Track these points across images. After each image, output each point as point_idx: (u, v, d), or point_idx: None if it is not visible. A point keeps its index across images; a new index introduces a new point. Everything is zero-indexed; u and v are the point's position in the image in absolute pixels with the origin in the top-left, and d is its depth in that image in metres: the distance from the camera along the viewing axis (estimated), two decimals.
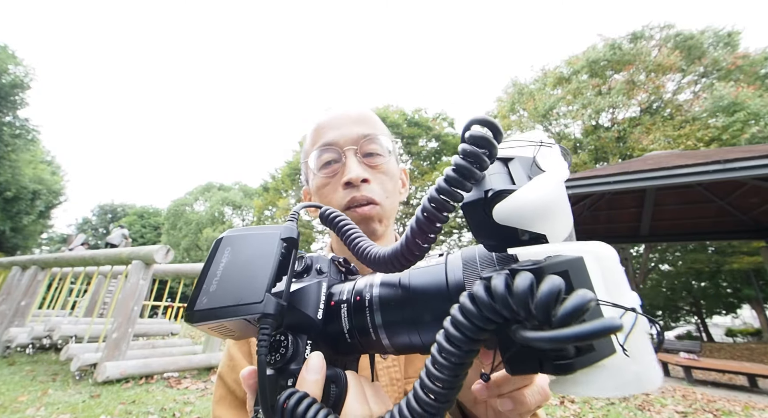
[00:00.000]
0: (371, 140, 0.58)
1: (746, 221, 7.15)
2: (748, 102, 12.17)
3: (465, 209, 0.25)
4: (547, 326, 0.17)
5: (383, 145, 0.59)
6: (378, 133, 0.59)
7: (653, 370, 0.19)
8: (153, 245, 4.81)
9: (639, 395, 4.36)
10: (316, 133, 0.60)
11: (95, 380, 3.79)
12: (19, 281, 5.69)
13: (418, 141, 17.24)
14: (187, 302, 0.30)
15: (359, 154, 0.57)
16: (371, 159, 0.58)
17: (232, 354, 0.56)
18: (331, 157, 0.58)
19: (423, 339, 0.28)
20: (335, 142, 0.58)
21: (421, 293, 0.28)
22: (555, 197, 0.22)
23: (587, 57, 16.25)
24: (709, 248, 15.10)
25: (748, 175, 4.76)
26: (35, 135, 18.47)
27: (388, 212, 0.58)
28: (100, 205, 40.41)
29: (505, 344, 0.22)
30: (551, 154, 0.26)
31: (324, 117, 0.62)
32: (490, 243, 0.26)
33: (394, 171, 0.61)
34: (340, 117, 0.60)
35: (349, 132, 0.58)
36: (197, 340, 7.26)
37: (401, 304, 0.29)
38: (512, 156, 0.26)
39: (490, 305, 0.19)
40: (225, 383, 0.54)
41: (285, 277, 0.30)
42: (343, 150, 0.57)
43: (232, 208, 25.45)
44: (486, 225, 0.24)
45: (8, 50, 16.51)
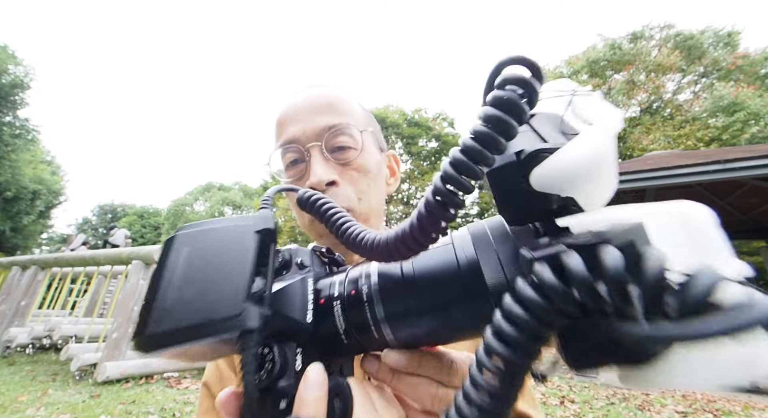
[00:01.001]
0: (339, 132, 0.50)
1: (746, 220, 7.15)
2: (748, 102, 12.18)
3: (491, 175, 0.20)
4: (659, 315, 0.14)
5: (354, 136, 0.51)
6: (347, 123, 0.51)
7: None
8: (153, 245, 4.81)
9: (639, 394, 4.36)
10: (279, 128, 0.53)
11: (95, 380, 3.79)
12: (19, 281, 5.69)
13: (418, 141, 17.24)
14: (135, 326, 0.23)
15: (325, 151, 0.50)
16: (341, 154, 0.50)
17: (218, 363, 0.52)
18: (295, 156, 0.51)
19: (433, 328, 0.25)
20: (296, 139, 0.50)
21: (429, 278, 0.24)
22: (607, 154, 0.18)
23: (587, 57, 16.27)
24: None
25: (748, 175, 4.76)
26: (35, 135, 18.48)
27: (365, 214, 0.51)
28: (100, 205, 40.42)
29: (568, 335, 0.18)
30: (591, 103, 0.21)
31: (284, 108, 0.53)
32: (515, 216, 0.22)
33: (370, 164, 0.52)
34: (301, 106, 0.52)
35: (311, 125, 0.50)
36: None
37: (406, 292, 0.25)
38: (533, 112, 0.21)
39: (564, 293, 0.15)
40: (212, 394, 0.51)
41: (259, 278, 0.23)
42: (306, 148, 0.50)
43: (232, 208, 25.47)
44: (514, 194, 0.20)
45: (8, 50, 16.52)
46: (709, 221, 0.16)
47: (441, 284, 0.24)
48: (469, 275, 0.22)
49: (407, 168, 17.12)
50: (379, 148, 0.58)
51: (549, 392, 4.26)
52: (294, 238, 18.81)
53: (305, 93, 0.54)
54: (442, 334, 0.25)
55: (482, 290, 0.22)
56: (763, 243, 7.62)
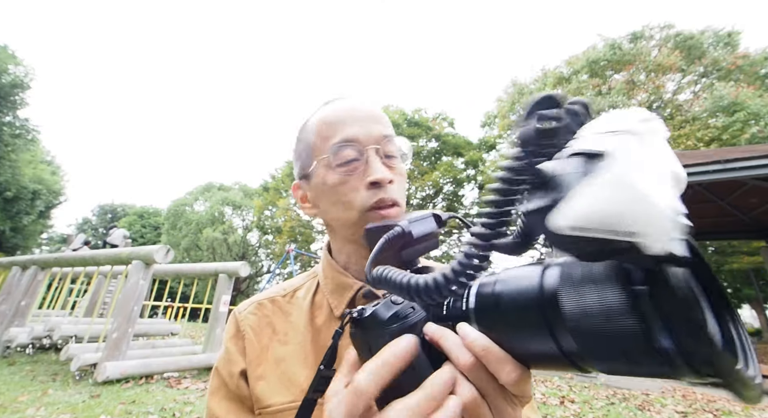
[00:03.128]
0: (391, 141, 0.57)
1: (746, 220, 7.15)
2: (748, 102, 12.17)
3: (524, 216, 0.21)
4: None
5: (399, 147, 0.59)
6: (394, 135, 0.59)
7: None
8: (153, 245, 4.81)
9: (639, 394, 4.36)
10: (332, 126, 0.57)
11: (95, 380, 3.79)
12: (19, 281, 5.69)
13: (418, 141, 17.23)
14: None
15: (381, 155, 0.56)
16: (390, 160, 0.57)
17: (228, 348, 0.57)
18: (354, 154, 0.55)
19: (503, 340, 0.27)
20: (357, 139, 0.55)
21: (508, 298, 0.26)
22: (637, 196, 0.17)
23: (587, 57, 16.26)
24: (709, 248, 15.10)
25: (748, 175, 4.76)
26: (35, 135, 18.48)
27: (403, 212, 0.59)
28: (100, 205, 40.43)
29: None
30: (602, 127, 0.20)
31: (338, 110, 0.58)
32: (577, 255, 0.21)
33: (405, 172, 0.61)
34: (359, 113, 0.57)
35: (370, 130, 0.56)
36: (197, 340, 7.27)
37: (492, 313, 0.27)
38: (601, 151, 0.20)
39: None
40: (220, 375, 0.56)
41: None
42: (365, 148, 0.55)
43: (232, 208, 25.42)
44: (554, 237, 0.19)
45: (8, 50, 16.52)
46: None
47: (520, 307, 0.25)
48: (548, 302, 0.23)
49: (407, 168, 17.10)
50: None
51: (549, 392, 4.26)
52: (294, 238, 18.81)
53: (359, 101, 0.60)
54: (519, 351, 0.26)
55: (560, 320, 0.22)
56: (763, 243, 7.61)
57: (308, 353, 0.53)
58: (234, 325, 0.59)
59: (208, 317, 5.48)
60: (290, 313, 0.59)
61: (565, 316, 0.21)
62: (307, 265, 18.22)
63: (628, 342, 0.19)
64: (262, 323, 0.58)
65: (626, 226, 0.17)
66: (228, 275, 5.39)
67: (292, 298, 0.61)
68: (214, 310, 5.24)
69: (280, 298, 0.61)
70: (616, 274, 0.20)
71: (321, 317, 0.57)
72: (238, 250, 22.04)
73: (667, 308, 0.18)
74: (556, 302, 0.22)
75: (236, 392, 0.53)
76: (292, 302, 0.61)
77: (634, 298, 0.19)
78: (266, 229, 22.15)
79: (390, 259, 0.34)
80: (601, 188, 0.18)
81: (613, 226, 0.17)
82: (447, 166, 16.74)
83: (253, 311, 0.59)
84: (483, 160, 17.26)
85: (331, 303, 0.56)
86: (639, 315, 0.19)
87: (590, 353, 0.21)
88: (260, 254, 24.70)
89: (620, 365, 0.21)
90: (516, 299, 0.25)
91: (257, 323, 0.58)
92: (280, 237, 19.08)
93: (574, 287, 0.21)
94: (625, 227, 0.17)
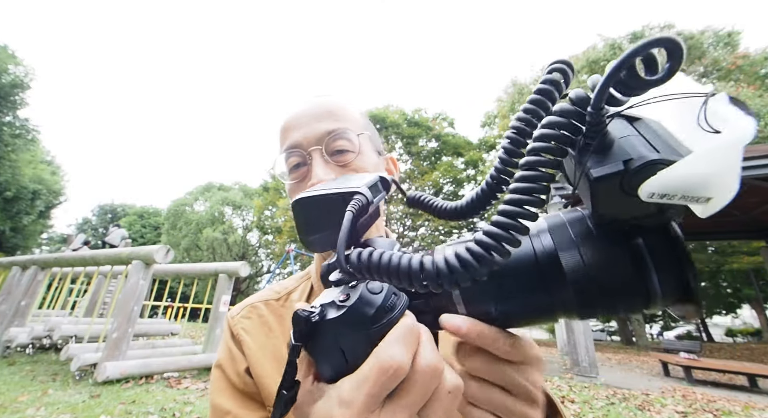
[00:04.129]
0: (338, 136, 0.54)
1: (746, 221, 7.15)
2: (748, 102, 12.17)
3: (595, 183, 0.20)
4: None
5: (352, 140, 0.55)
6: (345, 127, 0.55)
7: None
8: (153, 245, 4.81)
9: (639, 394, 4.36)
10: (282, 134, 0.57)
11: (95, 380, 3.79)
12: (19, 281, 5.69)
13: (418, 141, 17.23)
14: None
15: (326, 154, 0.54)
16: (340, 157, 0.54)
17: (229, 347, 0.56)
18: (297, 160, 0.55)
19: (498, 310, 0.26)
20: (298, 144, 0.54)
21: (504, 266, 0.23)
22: (728, 170, 0.18)
23: (587, 57, 16.25)
24: (709, 248, 15.10)
25: (748, 175, 4.76)
26: (35, 135, 18.48)
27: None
28: (100, 205, 40.42)
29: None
30: (718, 110, 0.19)
31: (288, 116, 0.58)
32: (609, 218, 0.22)
33: (368, 166, 0.56)
34: (302, 114, 0.56)
35: (312, 131, 0.54)
36: (197, 340, 7.27)
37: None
38: (639, 116, 0.22)
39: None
40: (225, 375, 0.54)
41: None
42: (308, 151, 0.54)
43: (232, 208, 25.42)
44: (616, 200, 0.20)
45: (8, 50, 16.52)
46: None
47: (516, 274, 0.25)
48: (546, 264, 0.24)
49: (407, 168, 17.12)
50: (376, 151, 0.61)
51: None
52: (294, 238, 18.79)
53: (306, 103, 0.59)
54: (507, 314, 0.26)
55: (559, 277, 0.24)
56: (763, 243, 7.62)
57: None
58: (228, 330, 0.58)
59: (208, 317, 5.48)
60: (285, 317, 0.58)
61: (566, 270, 0.23)
62: (307, 265, 18.18)
63: (625, 288, 0.22)
64: (256, 324, 0.57)
65: (709, 192, 0.18)
66: (228, 275, 5.39)
67: (287, 301, 0.60)
68: (214, 310, 5.24)
69: (274, 302, 0.60)
70: (609, 231, 0.23)
71: None
72: (238, 250, 22.03)
73: (663, 257, 0.22)
74: (556, 258, 0.23)
75: (244, 389, 0.53)
76: (287, 305, 0.60)
77: (634, 250, 0.22)
78: (266, 229, 22.17)
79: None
80: (701, 158, 0.18)
81: (699, 192, 0.18)
82: (447, 166, 16.74)
83: (246, 314, 0.59)
84: (483, 160, 17.25)
85: None
86: (640, 260, 0.22)
87: (589, 299, 0.23)
88: (260, 254, 24.71)
89: (612, 308, 0.23)
90: (510, 263, 0.24)
91: (251, 325, 0.57)
92: (280, 237, 19.08)
93: (574, 246, 0.23)
94: (705, 194, 0.18)
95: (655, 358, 7.93)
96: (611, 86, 0.20)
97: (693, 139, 0.19)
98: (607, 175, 0.20)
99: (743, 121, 0.18)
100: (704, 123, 0.19)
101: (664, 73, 0.19)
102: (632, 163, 0.19)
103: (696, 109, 0.19)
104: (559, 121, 0.21)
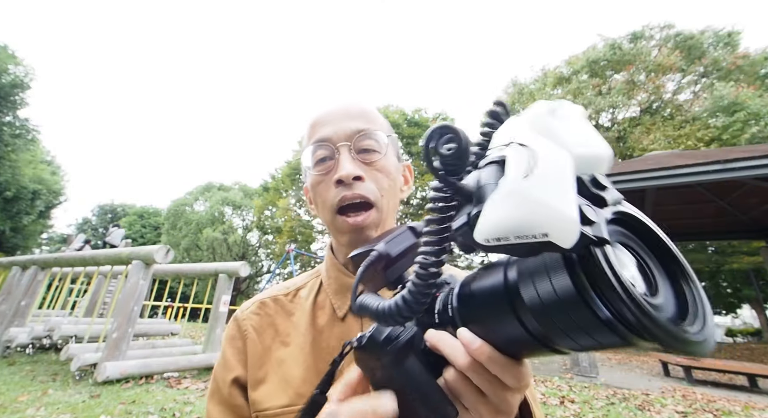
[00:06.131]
0: (366, 136, 0.56)
1: (746, 221, 7.15)
2: (748, 102, 12.18)
3: (454, 233, 0.24)
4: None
5: (380, 141, 0.57)
6: (374, 129, 0.57)
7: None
8: (153, 245, 4.81)
9: (639, 394, 4.36)
10: (312, 129, 0.59)
11: (95, 380, 3.79)
12: (19, 281, 5.69)
13: (418, 141, 17.24)
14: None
15: (353, 151, 0.55)
16: (366, 155, 0.56)
17: (225, 352, 0.57)
18: (325, 153, 0.56)
19: (488, 336, 0.29)
20: (328, 139, 0.56)
21: (480, 294, 0.29)
22: (537, 205, 0.19)
23: (587, 57, 16.27)
24: (709, 248, 15.09)
25: (748, 175, 4.76)
26: (35, 135, 18.48)
27: (385, 213, 0.56)
28: (100, 206, 40.40)
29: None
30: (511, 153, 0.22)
31: (319, 112, 0.60)
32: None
33: (391, 168, 0.58)
34: (335, 112, 0.58)
35: (343, 127, 0.56)
36: (197, 340, 7.27)
37: (469, 305, 0.30)
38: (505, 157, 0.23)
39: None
40: (216, 380, 0.56)
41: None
42: (336, 146, 0.55)
43: (232, 208, 25.41)
44: (478, 245, 0.23)
45: (8, 50, 16.51)
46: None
47: (488, 301, 0.28)
48: (515, 293, 0.26)
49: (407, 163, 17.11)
50: (397, 156, 0.64)
51: (549, 392, 4.26)
52: (294, 238, 18.79)
53: (339, 101, 0.61)
54: (496, 342, 0.29)
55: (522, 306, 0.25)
56: (763, 243, 7.62)
57: (307, 354, 0.53)
58: (235, 326, 0.58)
59: (208, 317, 5.48)
60: (292, 313, 0.59)
61: (525, 302, 0.24)
62: (307, 265, 18.21)
63: (577, 316, 0.22)
64: (264, 324, 0.57)
65: (536, 229, 0.20)
66: (228, 275, 5.39)
67: (295, 297, 0.61)
68: (214, 310, 5.24)
69: (282, 297, 0.61)
70: (558, 259, 0.23)
71: (323, 318, 0.56)
72: (238, 250, 22.03)
73: (597, 281, 0.20)
74: (518, 291, 0.25)
75: (228, 400, 0.54)
76: (295, 301, 0.60)
77: (574, 276, 0.22)
78: (266, 229, 22.16)
79: (378, 282, 0.35)
80: (500, 202, 0.21)
81: (524, 231, 0.20)
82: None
83: (256, 310, 0.59)
84: None
85: (334, 304, 0.57)
86: (579, 291, 0.21)
87: (552, 332, 0.24)
88: (260, 254, 24.69)
89: (582, 339, 0.23)
90: (487, 295, 0.28)
91: (260, 323, 0.58)
92: (280, 237, 19.08)
93: (530, 276, 0.24)
94: (535, 231, 0.20)
95: (655, 358, 7.92)
96: (441, 177, 0.25)
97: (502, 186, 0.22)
98: (459, 226, 0.24)
99: (522, 155, 0.21)
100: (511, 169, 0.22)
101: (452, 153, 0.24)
102: (472, 213, 0.23)
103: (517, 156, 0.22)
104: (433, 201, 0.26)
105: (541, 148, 0.21)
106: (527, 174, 0.20)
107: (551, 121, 0.23)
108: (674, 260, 0.25)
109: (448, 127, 0.24)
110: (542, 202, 0.19)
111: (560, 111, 0.23)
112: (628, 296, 0.19)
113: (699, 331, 0.22)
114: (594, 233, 0.20)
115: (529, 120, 0.23)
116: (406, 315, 0.28)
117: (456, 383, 0.30)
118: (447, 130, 0.24)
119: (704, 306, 0.24)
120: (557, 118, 0.23)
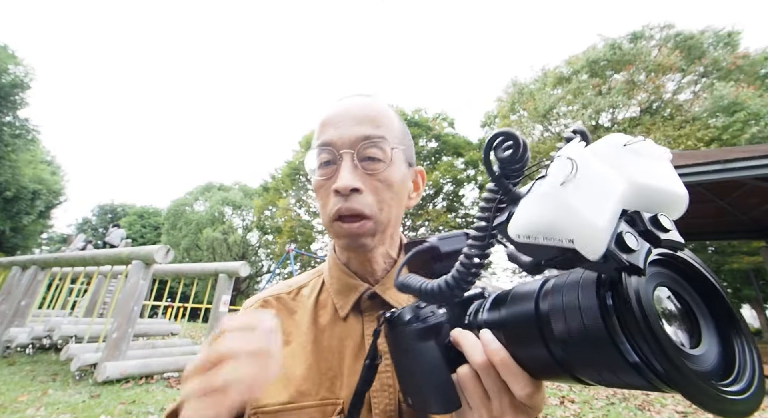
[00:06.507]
0: (372, 144, 0.53)
1: (746, 221, 7.15)
2: (748, 102, 12.16)
3: (496, 229, 0.26)
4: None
5: (386, 151, 0.54)
6: (382, 136, 0.54)
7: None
8: (153, 245, 4.81)
9: (639, 394, 4.36)
10: (320, 129, 0.57)
11: (95, 380, 3.79)
12: (19, 281, 5.69)
13: (418, 141, 17.23)
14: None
15: (356, 158, 0.53)
16: (370, 164, 0.54)
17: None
18: (328, 158, 0.55)
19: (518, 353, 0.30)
20: (332, 143, 0.54)
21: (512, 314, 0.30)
22: (568, 212, 0.20)
23: (587, 57, 16.25)
24: (709, 248, 15.09)
25: (748, 175, 4.76)
26: (35, 135, 18.46)
27: (383, 225, 0.55)
28: (100, 206, 40.37)
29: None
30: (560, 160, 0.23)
31: (330, 111, 0.58)
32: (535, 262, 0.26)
33: (395, 179, 0.55)
34: (343, 114, 0.56)
35: (348, 133, 0.53)
36: (197, 340, 7.27)
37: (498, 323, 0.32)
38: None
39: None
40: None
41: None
42: (339, 153, 0.53)
43: (232, 208, 25.39)
44: (514, 244, 0.25)
45: (8, 50, 16.51)
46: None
47: (519, 322, 0.29)
48: (545, 321, 0.26)
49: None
50: (407, 163, 0.61)
51: (549, 392, 4.26)
52: (294, 238, 18.78)
53: (350, 101, 0.58)
54: (517, 355, 0.30)
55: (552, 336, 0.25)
56: (763, 243, 7.61)
57: (308, 353, 0.53)
58: None
59: (208, 317, 5.48)
60: (295, 311, 0.59)
61: (554, 333, 0.25)
62: (307, 265, 18.20)
63: (607, 358, 0.21)
64: None
65: (562, 233, 0.20)
66: (228, 275, 5.39)
67: (297, 295, 0.61)
68: (214, 310, 5.24)
69: (285, 295, 0.61)
70: (593, 293, 0.22)
71: (325, 317, 0.56)
72: (238, 250, 22.03)
73: (628, 322, 0.20)
74: (548, 319, 0.25)
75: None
76: (297, 299, 0.61)
77: (606, 316, 0.21)
78: (266, 229, 22.14)
79: (422, 270, 0.38)
80: (533, 202, 0.22)
81: (552, 234, 0.21)
82: (447, 166, 16.73)
83: (258, 308, 0.60)
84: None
85: (336, 303, 0.57)
86: (610, 333, 0.21)
87: (578, 362, 0.24)
88: (260, 254, 24.69)
89: (607, 376, 0.22)
90: (518, 319, 0.29)
91: None
92: (280, 237, 19.06)
93: (562, 305, 0.24)
94: (562, 235, 0.20)
95: None
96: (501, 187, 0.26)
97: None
98: (499, 223, 0.26)
99: (560, 167, 0.22)
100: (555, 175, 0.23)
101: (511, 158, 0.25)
102: (512, 212, 0.24)
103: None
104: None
105: (587, 164, 0.21)
106: (564, 182, 0.21)
107: (618, 150, 0.23)
108: (728, 313, 0.24)
109: (509, 133, 0.25)
110: (572, 208, 0.20)
111: (635, 145, 0.23)
112: (657, 345, 0.19)
113: (742, 390, 0.21)
114: (629, 259, 0.20)
115: (595, 145, 0.24)
116: (447, 296, 0.30)
117: (467, 379, 0.32)
118: (507, 135, 0.25)
119: (754, 364, 0.22)
120: (627, 150, 0.23)
